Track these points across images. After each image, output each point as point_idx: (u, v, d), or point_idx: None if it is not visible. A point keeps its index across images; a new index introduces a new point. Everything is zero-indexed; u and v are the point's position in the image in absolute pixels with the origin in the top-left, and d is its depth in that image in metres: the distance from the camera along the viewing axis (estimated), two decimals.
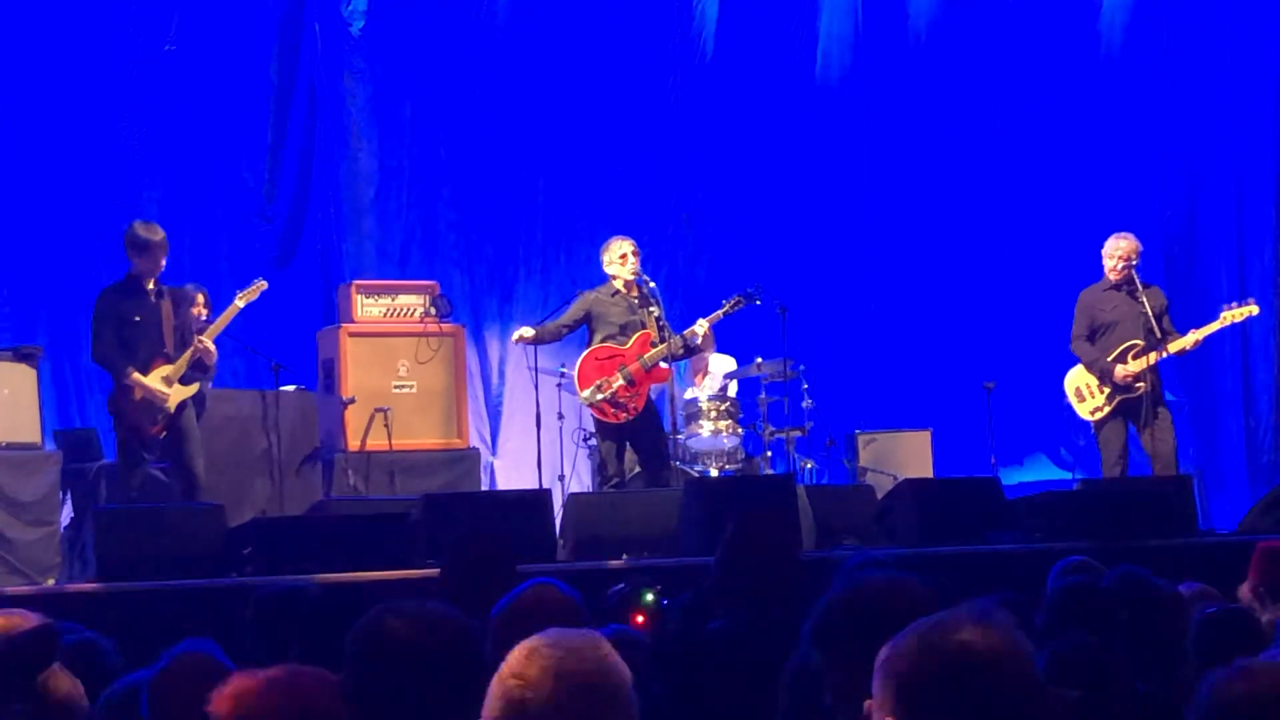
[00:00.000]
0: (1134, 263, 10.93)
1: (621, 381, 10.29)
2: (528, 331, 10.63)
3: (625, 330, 10.42)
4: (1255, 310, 11.24)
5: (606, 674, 2.43)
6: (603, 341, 10.42)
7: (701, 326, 10.60)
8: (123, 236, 9.56)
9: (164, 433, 9.56)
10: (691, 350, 10.84)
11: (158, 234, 9.56)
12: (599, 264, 10.63)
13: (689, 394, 11.95)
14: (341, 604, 4.55)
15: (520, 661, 2.44)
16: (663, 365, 10.49)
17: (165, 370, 9.51)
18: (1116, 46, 14.78)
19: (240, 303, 9.96)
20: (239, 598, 7.21)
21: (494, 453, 13.06)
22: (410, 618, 2.94)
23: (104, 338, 9.50)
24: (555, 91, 13.62)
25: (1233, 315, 11.08)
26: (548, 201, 13.60)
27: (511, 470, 12.81)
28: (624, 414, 10.32)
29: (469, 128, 13.37)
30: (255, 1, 12.85)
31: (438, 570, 5.73)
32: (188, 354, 9.55)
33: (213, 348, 9.72)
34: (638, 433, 10.41)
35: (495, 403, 13.25)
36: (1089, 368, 10.91)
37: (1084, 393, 10.95)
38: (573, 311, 10.56)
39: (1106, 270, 10.97)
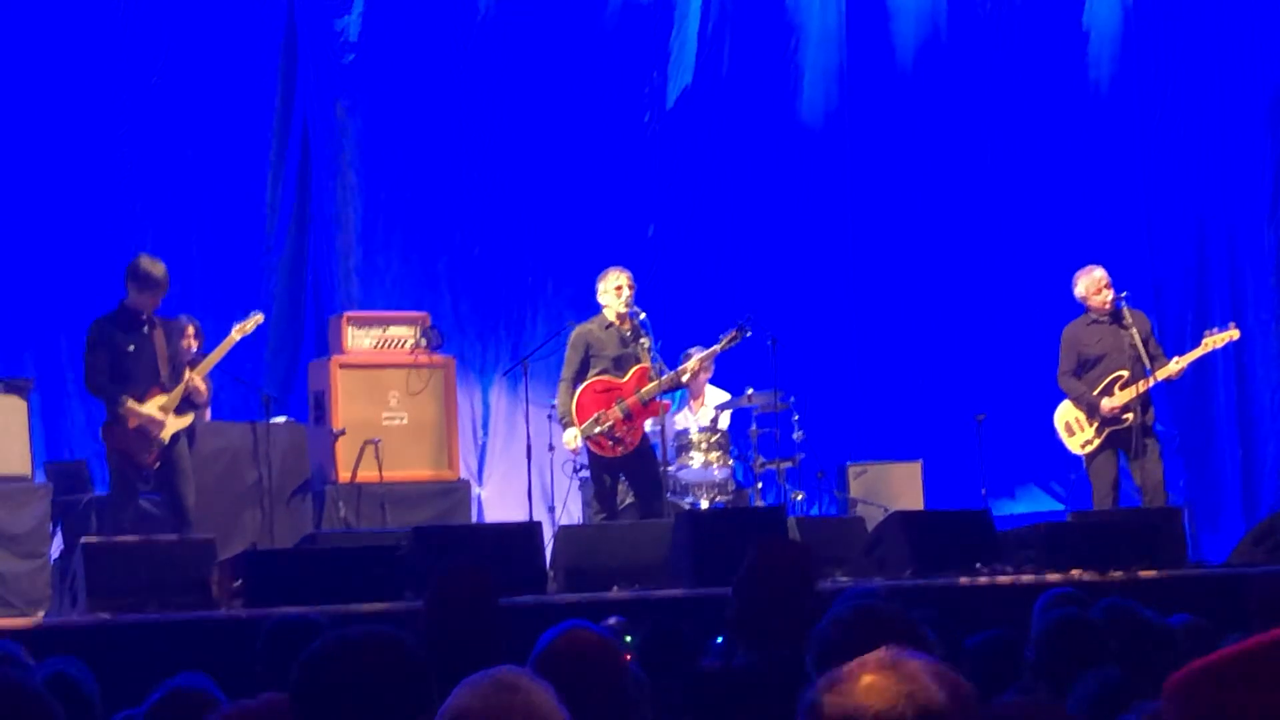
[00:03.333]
0: (1118, 291, 10.91)
1: (620, 415, 10.28)
2: (572, 434, 10.41)
3: (619, 364, 10.39)
4: (1236, 335, 11.22)
5: (551, 710, 2.44)
6: (598, 375, 10.40)
7: (693, 363, 10.59)
8: (126, 268, 9.54)
9: (158, 463, 9.53)
10: (679, 386, 10.84)
11: (160, 269, 9.55)
12: (584, 298, 10.60)
13: (681, 424, 11.92)
14: None
15: (472, 713, 2.41)
16: (657, 399, 10.48)
17: (161, 400, 9.50)
18: (1105, 78, 14.79)
19: (236, 335, 9.97)
20: (229, 631, 7.22)
21: (480, 484, 13.02)
22: (354, 645, 2.89)
23: (99, 367, 9.48)
24: (541, 127, 13.60)
25: (1214, 341, 11.06)
26: (535, 235, 13.57)
27: (502, 502, 12.77)
28: (620, 448, 10.31)
29: (458, 160, 13.36)
30: (251, 31, 12.84)
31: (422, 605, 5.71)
32: (182, 385, 9.54)
33: (203, 384, 9.70)
34: (632, 466, 10.39)
35: (480, 434, 13.22)
36: (1076, 403, 10.90)
37: (1074, 427, 10.93)
38: (572, 358, 10.42)
39: (1096, 304, 10.89)
